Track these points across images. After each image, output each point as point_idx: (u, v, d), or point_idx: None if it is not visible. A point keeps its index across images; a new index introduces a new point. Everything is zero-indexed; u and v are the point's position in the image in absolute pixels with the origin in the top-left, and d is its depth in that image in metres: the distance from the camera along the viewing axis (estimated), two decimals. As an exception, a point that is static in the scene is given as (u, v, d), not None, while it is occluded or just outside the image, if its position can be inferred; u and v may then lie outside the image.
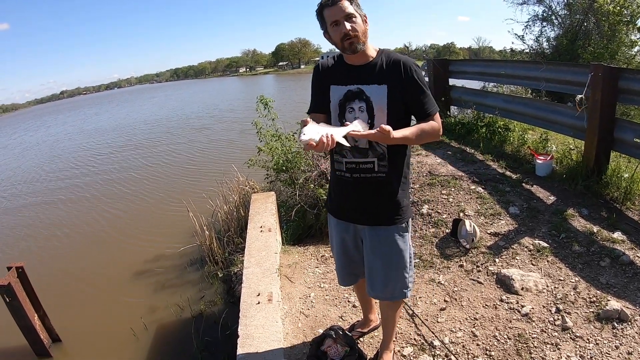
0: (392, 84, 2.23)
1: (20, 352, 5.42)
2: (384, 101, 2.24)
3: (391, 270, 2.52)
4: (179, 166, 15.41)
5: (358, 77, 2.29)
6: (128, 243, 8.80)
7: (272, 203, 5.17)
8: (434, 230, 4.56)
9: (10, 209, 13.03)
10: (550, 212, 4.46)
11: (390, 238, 2.46)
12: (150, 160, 17.20)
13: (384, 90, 2.24)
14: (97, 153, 20.65)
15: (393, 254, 2.49)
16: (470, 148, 6.38)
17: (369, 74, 2.28)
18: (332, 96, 2.37)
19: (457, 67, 8.02)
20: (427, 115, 2.28)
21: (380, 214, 2.43)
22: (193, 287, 6.53)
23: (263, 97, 7.21)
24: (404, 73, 2.23)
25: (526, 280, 3.50)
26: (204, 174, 13.39)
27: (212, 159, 15.88)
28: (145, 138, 23.63)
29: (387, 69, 2.26)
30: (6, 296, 4.90)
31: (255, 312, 3.31)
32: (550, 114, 5.65)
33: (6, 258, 8.36)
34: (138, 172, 15.44)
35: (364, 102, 2.28)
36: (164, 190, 12.46)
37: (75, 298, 6.86)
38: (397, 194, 2.41)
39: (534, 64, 6.29)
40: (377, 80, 2.25)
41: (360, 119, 2.24)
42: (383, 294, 2.63)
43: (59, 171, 18.01)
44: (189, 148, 18.63)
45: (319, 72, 2.49)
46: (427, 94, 2.27)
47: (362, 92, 2.28)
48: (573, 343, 2.89)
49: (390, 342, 2.94)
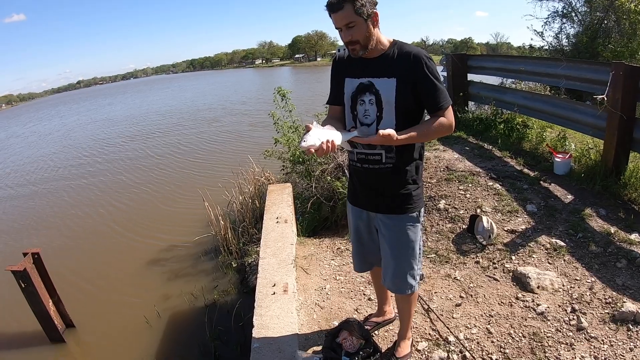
0: (402, 78, 2.25)
1: (34, 337, 5.51)
2: (392, 95, 2.27)
3: (398, 260, 2.58)
4: (195, 157, 15.52)
5: (369, 70, 2.33)
6: (143, 231, 8.91)
7: (288, 194, 5.19)
8: (450, 225, 4.55)
9: (26, 196, 13.26)
10: (568, 211, 4.44)
11: (399, 227, 2.51)
12: (166, 150, 17.34)
13: (393, 84, 2.26)
14: (112, 143, 20.92)
15: (401, 244, 2.55)
16: (488, 144, 6.35)
17: (380, 67, 2.30)
18: (346, 88, 2.45)
19: (476, 62, 7.95)
20: (436, 110, 2.28)
21: (389, 203, 2.49)
22: (207, 276, 6.59)
23: (281, 88, 7.22)
24: (414, 66, 2.23)
25: (542, 279, 3.50)
26: (220, 165, 13.50)
27: (228, 149, 15.98)
28: (161, 128, 23.84)
29: (397, 61, 2.27)
30: (22, 281, 4.98)
31: (270, 303, 3.34)
32: (569, 112, 5.59)
33: (23, 244, 8.45)
34: (155, 161, 15.60)
35: (374, 95, 2.32)
36: (179, 180, 12.59)
37: (89, 285, 6.95)
38: (406, 184, 2.45)
39: (554, 61, 6.23)
40: (386, 74, 2.28)
41: (369, 111, 2.35)
42: (391, 285, 2.69)
43: (73, 159, 18.25)
44: (205, 140, 18.74)
45: (336, 64, 2.56)
46: (438, 88, 2.25)
47: (372, 85, 2.32)
48: (588, 343, 2.88)
49: (406, 332, 3.00)
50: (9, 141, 30.11)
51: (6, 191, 14.21)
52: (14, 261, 5.27)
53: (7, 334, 5.86)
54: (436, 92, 2.25)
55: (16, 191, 14.04)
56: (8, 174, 17.24)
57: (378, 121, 2.34)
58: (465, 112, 7.71)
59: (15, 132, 36.26)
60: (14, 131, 37.95)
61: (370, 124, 2.37)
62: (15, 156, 21.76)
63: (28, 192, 13.69)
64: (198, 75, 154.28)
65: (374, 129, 2.34)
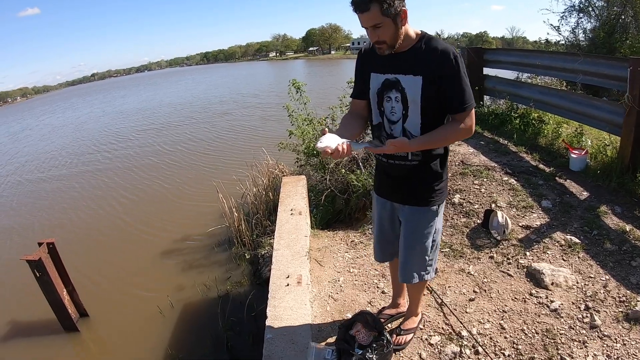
0: (428, 76, 2.18)
1: (48, 326, 5.60)
2: (418, 94, 2.21)
3: (411, 252, 2.62)
4: (208, 149, 15.60)
5: (396, 66, 2.26)
6: (157, 223, 8.98)
7: (302, 186, 5.20)
8: (465, 220, 4.55)
9: (42, 188, 13.43)
10: (583, 207, 4.42)
11: (417, 218, 2.55)
12: (179, 142, 17.43)
13: (418, 82, 2.20)
14: (129, 136, 20.96)
15: (417, 235, 2.57)
16: (503, 139, 6.32)
17: (406, 63, 2.23)
18: (372, 84, 2.39)
19: (492, 56, 7.90)
20: (458, 111, 2.23)
21: (412, 195, 2.50)
22: (220, 267, 6.64)
23: (295, 81, 7.21)
24: (441, 63, 2.15)
25: (556, 276, 3.49)
26: (234, 157, 13.55)
27: (242, 142, 16.03)
28: (174, 121, 23.97)
29: (424, 58, 2.19)
30: (37, 271, 5.04)
31: (284, 294, 3.37)
32: (586, 107, 5.54)
33: (37, 235, 8.54)
34: (167, 154, 15.71)
35: (400, 92, 2.27)
36: (193, 172, 12.66)
37: (103, 274, 7.04)
38: (430, 179, 2.45)
39: (571, 56, 6.16)
40: (412, 71, 2.21)
41: (395, 109, 2.32)
42: (402, 275, 2.72)
43: (84, 152, 18.52)
44: (217, 132, 18.84)
45: (362, 56, 2.49)
46: (462, 88, 2.18)
47: (398, 82, 2.26)
48: (600, 342, 2.87)
49: (415, 309, 3.10)
50: (24, 133, 30.44)
51: (22, 182, 14.38)
52: (28, 251, 5.34)
53: (22, 322, 5.95)
54: (460, 93, 2.19)
55: (31, 182, 14.22)
56: (23, 164, 17.47)
57: (404, 119, 2.32)
58: (481, 107, 7.67)
59: (29, 125, 36.60)
60: (28, 123, 38.32)
61: (396, 121, 2.35)
62: (29, 148, 22.03)
63: (43, 183, 13.84)
64: (212, 68, 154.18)
65: (400, 126, 2.34)
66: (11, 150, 22.27)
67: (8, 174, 15.96)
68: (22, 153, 20.48)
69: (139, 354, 5.11)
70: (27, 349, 5.44)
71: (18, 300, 6.47)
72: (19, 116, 52.28)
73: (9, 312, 6.20)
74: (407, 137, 2.31)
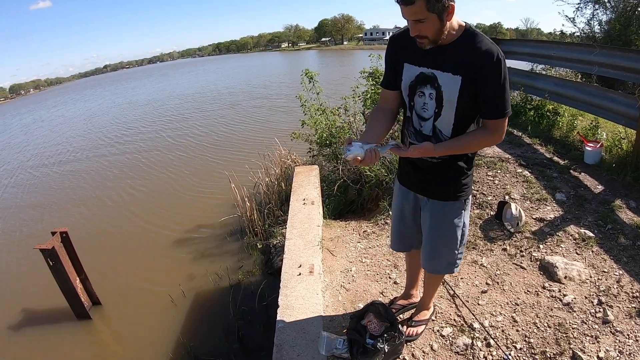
0: (468, 77, 2.02)
1: (61, 314, 5.67)
2: (455, 95, 2.07)
3: (440, 244, 2.56)
4: (220, 139, 15.68)
5: (434, 60, 2.10)
6: (170, 212, 9.04)
7: (315, 176, 5.20)
8: (478, 211, 4.53)
9: (57, 177, 13.66)
10: (598, 201, 4.39)
11: (443, 212, 2.48)
12: (191, 133, 17.51)
13: (457, 82, 2.04)
14: (139, 127, 21.13)
15: (443, 228, 2.51)
16: (517, 131, 6.27)
17: (446, 59, 2.06)
18: (405, 75, 2.24)
19: (506, 46, 7.81)
20: (491, 117, 2.10)
21: (439, 189, 2.42)
22: (232, 257, 6.67)
23: (308, 70, 7.19)
24: (483, 64, 1.98)
25: (570, 269, 3.47)
26: (246, 147, 13.55)
27: (254, 132, 16.07)
28: (186, 112, 24.09)
29: (466, 55, 2.01)
30: (50, 260, 5.09)
31: (296, 284, 3.37)
32: (601, 100, 5.49)
33: (47, 225, 8.63)
34: (179, 144, 15.82)
35: (435, 90, 2.13)
36: (205, 162, 12.72)
37: (116, 263, 7.11)
38: (456, 175, 2.37)
39: (587, 47, 6.08)
40: (452, 69, 2.04)
41: (427, 105, 2.19)
42: (430, 266, 2.70)
43: (96, 144, 18.76)
44: (230, 122, 18.93)
45: (394, 43, 2.32)
46: (501, 93, 2.03)
47: (435, 78, 2.11)
48: (613, 337, 2.86)
49: (428, 302, 3.09)
50: (35, 125, 30.69)
51: (33, 174, 14.53)
52: (41, 239, 5.40)
53: (35, 310, 6.04)
54: (498, 98, 2.04)
55: (43, 174, 14.37)
56: (36, 155, 17.63)
57: (436, 117, 2.19)
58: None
59: (42, 116, 36.90)
60: (40, 115, 38.64)
61: (427, 118, 2.23)
62: (41, 139, 22.24)
63: (54, 175, 13.99)
64: (224, 58, 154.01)
65: (430, 124, 2.22)
66: (23, 142, 22.49)
67: (20, 165, 16.16)
68: (34, 144, 20.66)
69: (151, 341, 5.16)
70: (40, 337, 5.51)
71: (31, 289, 6.56)
72: (32, 107, 52.71)
73: (22, 300, 6.29)
74: (437, 135, 2.23)
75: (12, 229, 9.46)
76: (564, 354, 2.75)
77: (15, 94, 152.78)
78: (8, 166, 16.27)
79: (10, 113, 50.43)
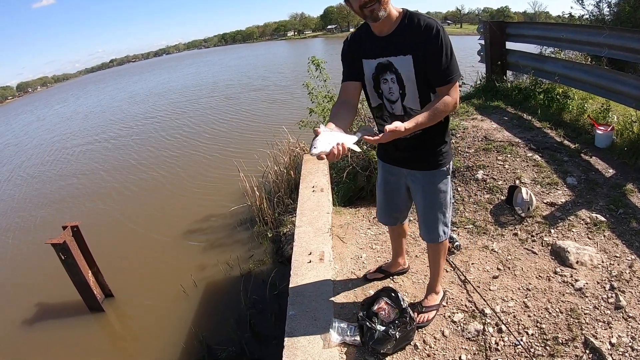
0: (417, 53, 2.21)
1: (74, 307, 5.74)
2: (412, 73, 2.27)
3: (434, 210, 2.74)
4: (231, 128, 15.73)
5: (385, 49, 2.30)
6: (179, 203, 9.12)
7: (324, 163, 5.18)
8: (488, 196, 4.50)
9: (68, 171, 13.80)
10: (609, 185, 4.34)
11: (430, 180, 2.66)
12: (201, 121, 17.63)
13: (410, 62, 2.24)
14: (151, 116, 21.28)
15: (433, 196, 2.69)
16: (527, 114, 6.19)
17: (394, 44, 2.26)
18: (365, 70, 2.44)
19: (514, 29, 7.72)
20: (443, 84, 2.23)
21: (422, 161, 2.62)
22: (242, 246, 6.69)
23: (315, 58, 7.16)
24: (425, 38, 2.16)
25: (581, 254, 3.44)
26: (255, 136, 13.53)
27: (263, 121, 16.04)
28: (190, 104, 24.15)
29: (410, 36, 2.21)
30: (61, 254, 5.15)
31: (306, 271, 3.39)
32: (612, 82, 5.40)
33: (58, 220, 8.69)
34: (187, 134, 15.90)
35: (394, 74, 2.33)
36: (216, 151, 12.77)
37: (127, 256, 7.18)
38: (434, 145, 2.55)
39: (596, 29, 5.99)
40: (402, 51, 2.24)
41: (392, 89, 2.39)
42: (428, 235, 2.86)
43: (107, 135, 18.76)
44: (239, 110, 19.02)
45: (350, 45, 2.50)
46: (447, 61, 2.19)
47: (391, 64, 2.31)
48: (625, 323, 2.82)
49: (436, 285, 3.16)
50: (46, 120, 30.90)
51: (45, 167, 14.72)
52: (53, 234, 5.44)
53: (49, 303, 6.11)
54: (444, 65, 2.20)
55: (56, 166, 14.65)
56: (48, 152, 17.79)
57: (402, 98, 2.39)
58: (504, 82, 7.53)
59: (58, 111, 37.15)
60: (58, 110, 38.93)
61: (395, 100, 2.43)
62: (52, 133, 22.42)
63: (66, 168, 14.24)
64: (229, 49, 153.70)
65: (399, 104, 2.42)
66: (41, 136, 22.65)
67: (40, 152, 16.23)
68: (44, 138, 20.82)
69: (163, 332, 5.20)
70: (54, 330, 5.57)
71: (44, 283, 6.63)
72: (42, 103, 53.07)
73: (36, 294, 6.38)
74: (409, 113, 2.40)
75: (26, 224, 9.60)
76: (576, 339, 2.74)
77: (23, 92, 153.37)
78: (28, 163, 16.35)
79: (14, 112, 50.71)
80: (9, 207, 11.18)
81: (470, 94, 7.85)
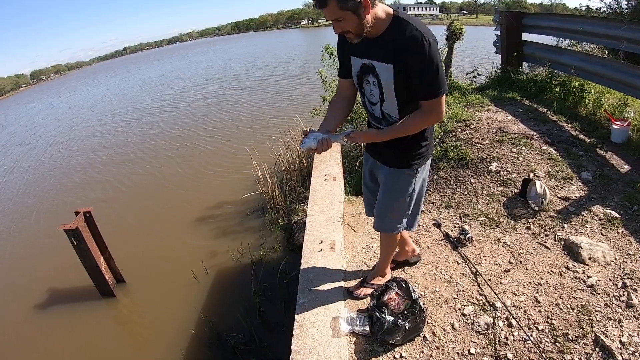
0: (398, 65, 2.17)
1: (86, 292, 5.83)
2: (391, 81, 2.25)
3: (388, 205, 2.78)
4: (245, 116, 15.73)
5: (371, 51, 2.29)
6: (191, 190, 9.18)
7: (336, 152, 5.16)
8: (502, 189, 4.47)
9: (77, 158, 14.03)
10: (624, 181, 4.29)
11: (393, 177, 2.68)
12: (211, 112, 17.58)
13: (390, 70, 2.22)
14: (158, 106, 21.48)
15: (391, 191, 2.72)
16: (542, 107, 6.12)
17: (379, 49, 2.23)
18: (352, 66, 2.47)
19: (531, 20, 7.63)
20: (425, 98, 2.23)
21: (390, 157, 2.64)
22: (253, 234, 6.73)
23: (328, 46, 7.15)
24: (409, 51, 2.10)
25: (594, 250, 3.42)
26: (267, 125, 13.57)
27: (276, 109, 16.05)
28: (204, 91, 24.43)
29: (393, 45, 2.16)
30: (74, 239, 5.21)
31: (317, 259, 3.38)
32: (629, 77, 5.32)
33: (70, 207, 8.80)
34: (199, 123, 15.93)
35: (376, 78, 2.33)
36: (228, 139, 12.82)
37: (139, 242, 7.25)
38: (407, 147, 2.53)
39: (614, 22, 5.90)
40: (384, 58, 2.22)
41: (373, 92, 2.43)
42: (376, 224, 2.92)
43: (119, 124, 18.83)
44: (251, 99, 18.95)
45: (342, 40, 2.51)
46: (430, 75, 2.14)
47: (373, 67, 2.30)
48: (636, 322, 2.79)
49: (384, 267, 3.29)
50: (58, 108, 31.25)
51: (59, 150, 14.95)
52: (65, 219, 5.49)
53: (61, 288, 6.21)
54: (427, 80, 2.17)
55: (69, 152, 14.87)
56: (58, 142, 17.98)
57: (381, 102, 2.42)
58: (519, 73, 7.46)
59: (66, 101, 37.42)
60: (67, 98, 39.31)
61: (375, 103, 2.46)
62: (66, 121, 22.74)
63: (79, 156, 14.29)
64: (242, 37, 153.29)
65: (379, 108, 2.46)
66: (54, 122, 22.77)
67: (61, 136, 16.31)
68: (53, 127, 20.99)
69: (174, 318, 5.26)
70: (66, 315, 5.66)
71: (57, 268, 6.73)
72: (55, 91, 53.60)
73: (48, 279, 6.48)
74: (386, 118, 2.46)
75: (36, 209, 9.73)
76: (586, 336, 2.72)
77: (37, 80, 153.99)
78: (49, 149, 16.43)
79: (17, 103, 50.91)
80: (24, 191, 11.35)
81: (485, 85, 7.79)
